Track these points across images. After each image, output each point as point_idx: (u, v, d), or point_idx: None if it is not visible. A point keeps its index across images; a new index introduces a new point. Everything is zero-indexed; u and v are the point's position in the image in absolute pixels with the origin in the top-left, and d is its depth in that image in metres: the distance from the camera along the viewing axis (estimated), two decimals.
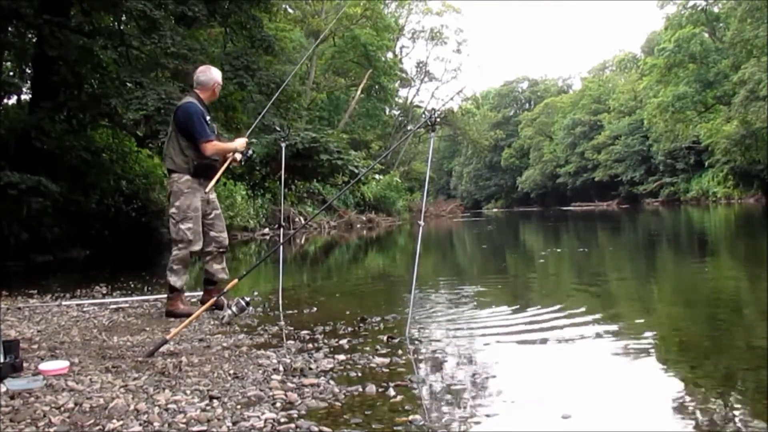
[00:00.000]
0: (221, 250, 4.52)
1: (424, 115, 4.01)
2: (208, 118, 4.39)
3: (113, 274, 7.22)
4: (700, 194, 45.05)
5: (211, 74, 4.50)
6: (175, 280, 4.27)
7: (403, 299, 4.38)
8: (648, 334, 3.42)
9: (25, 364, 2.74)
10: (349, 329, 3.68)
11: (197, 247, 4.34)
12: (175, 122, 4.32)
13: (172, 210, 4.30)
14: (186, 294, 5.25)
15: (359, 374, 2.71)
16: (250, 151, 4.65)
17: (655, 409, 2.27)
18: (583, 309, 4.17)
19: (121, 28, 10.91)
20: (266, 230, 16.64)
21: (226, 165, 4.51)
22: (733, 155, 35.34)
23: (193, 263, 5.26)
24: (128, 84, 9.67)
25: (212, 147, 4.31)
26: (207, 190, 4.35)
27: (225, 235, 4.57)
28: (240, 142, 4.57)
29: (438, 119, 3.88)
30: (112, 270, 8.24)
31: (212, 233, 4.47)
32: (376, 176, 25.17)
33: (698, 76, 37.64)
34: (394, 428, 2.06)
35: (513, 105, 78.23)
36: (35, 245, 8.80)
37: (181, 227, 4.26)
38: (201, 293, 5.23)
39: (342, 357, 2.97)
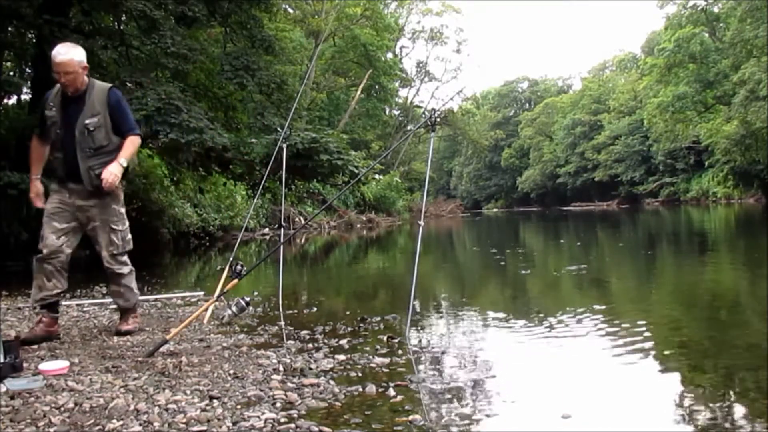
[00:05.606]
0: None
1: (424, 115, 4.01)
2: None
3: None
4: (700, 194, 45.03)
5: None
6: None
7: (403, 299, 4.36)
8: (648, 334, 3.42)
9: (25, 364, 2.74)
10: (349, 329, 3.69)
11: None
12: None
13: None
14: (186, 294, 5.27)
15: (359, 374, 2.70)
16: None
17: (655, 409, 2.26)
18: (582, 309, 4.17)
19: (121, 28, 10.90)
20: (266, 230, 16.64)
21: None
22: (733, 155, 35.30)
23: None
24: (128, 84, 9.65)
25: None
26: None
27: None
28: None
29: (438, 119, 3.89)
30: None
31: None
32: (376, 176, 25.16)
33: (698, 76, 37.58)
34: (394, 428, 2.06)
35: (513, 105, 78.17)
36: (35, 245, 8.78)
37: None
38: (201, 293, 5.25)
39: (342, 357, 2.97)
